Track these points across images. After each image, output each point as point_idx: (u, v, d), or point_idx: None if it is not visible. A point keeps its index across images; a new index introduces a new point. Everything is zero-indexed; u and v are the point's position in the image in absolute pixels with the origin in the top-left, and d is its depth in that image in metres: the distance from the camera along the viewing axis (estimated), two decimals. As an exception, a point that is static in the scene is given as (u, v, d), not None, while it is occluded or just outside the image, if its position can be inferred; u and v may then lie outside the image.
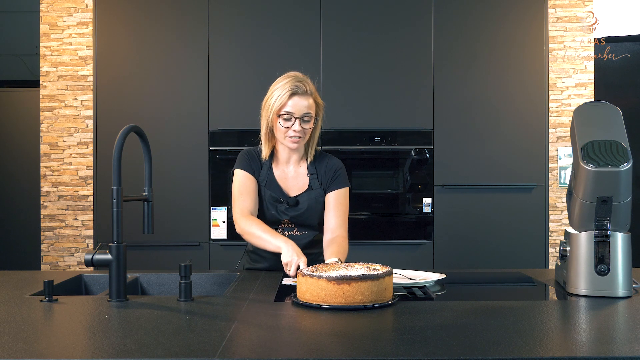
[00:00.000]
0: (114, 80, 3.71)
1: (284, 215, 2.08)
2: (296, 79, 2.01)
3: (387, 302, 1.48)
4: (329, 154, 2.20)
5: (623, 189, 1.55)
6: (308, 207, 2.08)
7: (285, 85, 2.00)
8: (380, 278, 1.46)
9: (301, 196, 2.10)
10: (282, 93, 1.99)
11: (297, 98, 1.99)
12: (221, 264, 3.64)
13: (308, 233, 2.12)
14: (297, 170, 2.13)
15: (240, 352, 1.10)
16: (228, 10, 3.71)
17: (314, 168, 2.12)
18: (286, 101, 1.99)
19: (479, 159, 3.72)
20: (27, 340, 1.17)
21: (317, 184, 2.11)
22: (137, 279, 2.00)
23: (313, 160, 2.13)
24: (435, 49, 3.72)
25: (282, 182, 2.11)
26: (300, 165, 2.13)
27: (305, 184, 2.11)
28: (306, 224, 2.11)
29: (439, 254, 3.71)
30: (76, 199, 3.87)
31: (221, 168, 3.69)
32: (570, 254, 1.65)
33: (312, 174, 2.12)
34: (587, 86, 3.93)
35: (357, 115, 3.69)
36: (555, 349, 1.11)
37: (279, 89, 2.01)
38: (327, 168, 2.13)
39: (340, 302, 1.44)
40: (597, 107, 1.70)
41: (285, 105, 1.99)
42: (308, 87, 2.02)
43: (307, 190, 2.10)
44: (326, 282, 1.45)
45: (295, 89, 1.99)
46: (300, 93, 1.99)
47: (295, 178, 2.12)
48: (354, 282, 1.43)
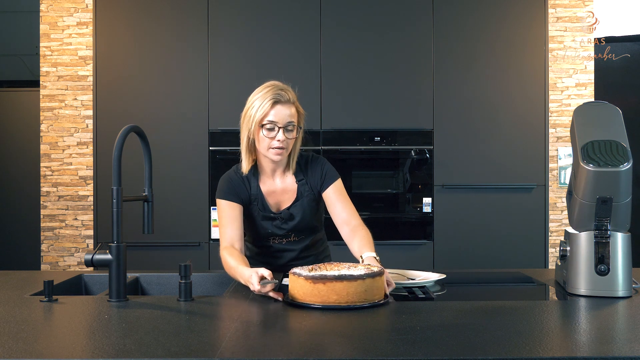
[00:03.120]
0: (114, 80, 3.71)
1: (280, 230, 2.05)
2: (277, 87, 1.93)
3: (370, 302, 1.45)
4: (309, 153, 2.11)
5: (623, 189, 1.55)
6: (302, 216, 2.04)
7: (267, 94, 1.90)
8: (359, 279, 1.44)
9: (294, 207, 2.04)
10: (264, 102, 1.90)
11: (279, 107, 1.90)
12: (221, 264, 3.62)
13: (305, 237, 2.10)
14: (284, 181, 2.05)
15: (240, 352, 1.10)
16: (228, 10, 3.71)
17: (301, 174, 2.06)
18: (269, 110, 1.89)
19: (479, 159, 3.72)
20: (27, 340, 1.17)
21: (307, 188, 2.05)
22: (137, 279, 2.01)
23: (299, 168, 2.06)
24: (435, 49, 3.72)
25: (272, 198, 2.05)
26: (285, 175, 2.06)
27: (294, 193, 2.05)
28: (302, 230, 2.08)
29: (439, 254, 3.71)
30: (76, 199, 3.87)
31: (221, 168, 3.69)
32: (570, 254, 1.64)
33: (300, 180, 2.05)
34: (587, 86, 3.93)
35: (357, 115, 3.69)
36: (555, 349, 1.11)
37: (259, 99, 1.91)
38: (313, 170, 2.06)
39: (317, 300, 1.45)
40: (597, 107, 1.70)
41: (267, 115, 1.89)
42: (290, 95, 1.93)
43: (299, 200, 2.04)
44: (304, 280, 1.47)
45: (277, 97, 1.90)
46: (283, 101, 1.90)
47: (284, 190, 2.05)
48: (328, 281, 1.44)
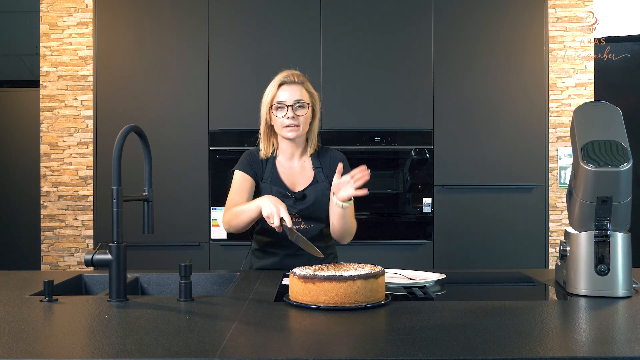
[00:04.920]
0: (114, 80, 3.71)
1: (292, 209, 2.10)
2: (285, 72, 2.12)
3: (360, 304, 1.44)
4: (331, 147, 2.26)
5: (623, 189, 1.55)
6: (315, 199, 2.12)
7: (275, 80, 2.12)
8: (349, 280, 1.44)
9: (308, 190, 2.13)
10: (272, 86, 2.11)
11: (285, 87, 2.10)
12: (221, 264, 3.64)
13: (316, 226, 2.14)
14: (301, 164, 2.18)
15: (240, 352, 1.10)
16: (228, 10, 3.71)
17: (319, 162, 2.17)
18: (276, 92, 2.09)
19: (479, 158, 3.72)
20: (27, 340, 1.17)
21: (323, 177, 2.16)
22: (137, 279, 2.01)
23: (317, 155, 2.18)
24: (435, 49, 3.72)
25: (288, 178, 2.15)
26: (303, 159, 2.18)
27: (311, 177, 2.16)
28: (314, 217, 2.14)
29: (439, 254, 3.71)
30: (76, 199, 3.87)
31: (221, 168, 3.69)
32: (570, 254, 1.64)
33: (317, 167, 2.16)
34: (587, 86, 3.93)
35: (357, 115, 3.69)
36: (555, 349, 1.11)
37: (269, 86, 2.13)
38: (331, 161, 2.17)
39: (307, 300, 1.46)
40: (597, 107, 1.70)
41: (275, 96, 2.09)
42: (297, 77, 2.11)
43: (313, 184, 2.14)
44: (297, 279, 1.49)
45: (283, 79, 2.11)
46: (288, 82, 2.10)
47: (301, 172, 2.17)
48: (318, 282, 1.45)
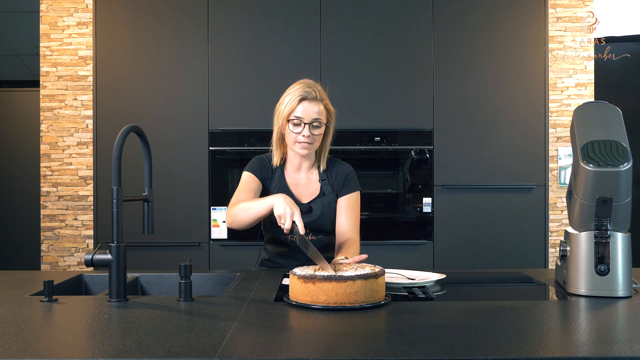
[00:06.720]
0: (114, 80, 3.71)
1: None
2: (307, 85, 2.03)
3: (361, 304, 1.44)
4: (339, 159, 2.21)
5: (623, 189, 1.54)
6: (322, 212, 2.09)
7: (296, 92, 2.02)
8: (349, 280, 1.44)
9: (314, 202, 2.10)
10: (292, 99, 2.01)
11: (306, 103, 2.01)
12: (221, 264, 3.64)
13: (323, 237, 2.13)
14: (308, 177, 2.14)
15: (240, 352, 1.10)
16: (228, 10, 3.71)
17: (325, 174, 2.13)
18: (295, 106, 2.01)
19: (479, 159, 3.72)
20: (27, 340, 1.17)
21: (329, 189, 2.12)
22: (137, 279, 2.00)
23: (325, 167, 2.14)
24: (435, 49, 3.72)
25: (294, 189, 2.12)
26: (311, 172, 2.14)
27: (317, 190, 2.12)
28: (320, 229, 2.12)
29: (439, 254, 3.71)
30: (76, 199, 3.87)
31: (221, 168, 3.69)
32: (570, 254, 1.64)
33: (323, 180, 2.12)
34: (587, 86, 3.93)
35: (357, 115, 3.69)
36: (555, 349, 1.11)
37: (289, 95, 2.03)
38: (337, 173, 2.14)
39: (307, 300, 1.46)
40: (597, 107, 1.70)
41: (294, 111, 2.01)
42: (318, 93, 2.03)
43: (320, 197, 2.11)
44: (297, 279, 1.49)
45: (305, 95, 2.01)
46: (309, 98, 2.01)
47: (307, 185, 2.13)
48: (317, 282, 1.45)
